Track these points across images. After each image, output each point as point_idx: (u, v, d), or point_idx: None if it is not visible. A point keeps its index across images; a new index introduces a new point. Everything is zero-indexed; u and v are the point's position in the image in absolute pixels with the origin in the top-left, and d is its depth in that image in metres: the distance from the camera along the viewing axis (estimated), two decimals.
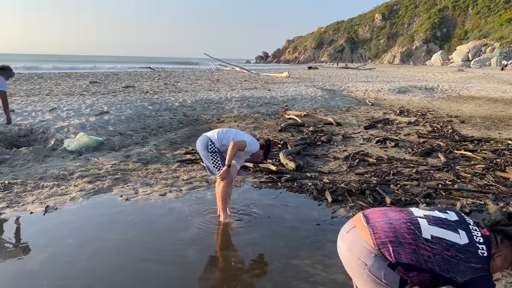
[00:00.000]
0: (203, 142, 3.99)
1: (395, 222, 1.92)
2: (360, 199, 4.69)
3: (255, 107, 11.90)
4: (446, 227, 1.88)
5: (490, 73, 37.38)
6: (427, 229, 1.87)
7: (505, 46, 77.31)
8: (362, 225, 2.00)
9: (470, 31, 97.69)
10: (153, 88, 15.39)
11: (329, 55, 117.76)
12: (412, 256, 1.82)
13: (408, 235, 1.86)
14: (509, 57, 69.83)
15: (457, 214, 1.99)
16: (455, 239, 1.84)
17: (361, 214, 2.07)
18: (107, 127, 7.95)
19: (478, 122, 10.27)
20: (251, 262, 3.31)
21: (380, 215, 2.00)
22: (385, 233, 1.89)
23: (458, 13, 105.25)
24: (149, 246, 3.58)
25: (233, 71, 35.60)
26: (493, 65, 65.95)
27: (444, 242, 1.83)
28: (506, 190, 4.98)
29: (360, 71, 42.79)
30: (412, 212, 2.00)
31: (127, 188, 5.03)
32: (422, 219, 1.93)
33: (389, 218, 1.96)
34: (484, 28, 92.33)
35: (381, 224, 1.94)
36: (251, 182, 5.35)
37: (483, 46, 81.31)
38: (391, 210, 2.05)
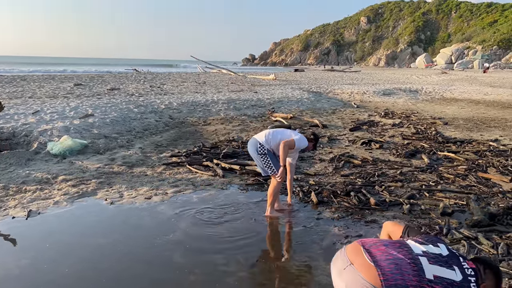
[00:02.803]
0: (253, 145, 4.25)
1: (400, 263, 1.91)
2: (345, 201, 4.72)
3: (242, 109, 11.90)
4: (444, 264, 1.92)
5: (473, 76, 38.09)
6: (429, 269, 1.89)
7: (487, 49, 78.91)
8: (365, 262, 1.95)
9: (453, 34, 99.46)
10: (139, 91, 15.28)
11: (315, 58, 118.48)
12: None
13: (413, 277, 1.86)
14: (491, 60, 71.27)
15: (447, 247, 2.03)
16: (453, 277, 1.87)
17: (362, 247, 2.01)
18: (91, 130, 7.86)
19: (461, 124, 10.46)
20: (237, 264, 3.31)
21: (383, 252, 1.97)
22: (392, 275, 1.87)
23: (441, 16, 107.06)
24: (134, 250, 3.55)
25: (219, 73, 35.55)
26: (475, 67, 67.19)
27: (445, 281, 1.85)
28: (488, 190, 5.08)
29: (346, 73, 43.15)
30: (411, 249, 1.99)
31: (112, 191, 4.98)
32: (423, 258, 1.93)
33: (393, 257, 1.94)
34: (467, 31, 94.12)
35: (387, 264, 1.91)
36: (238, 185, 5.35)
37: (466, 49, 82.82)
38: (392, 247, 2.01)
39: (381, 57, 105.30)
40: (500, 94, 18.44)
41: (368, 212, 4.44)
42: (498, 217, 4.08)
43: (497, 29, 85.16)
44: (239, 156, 6.64)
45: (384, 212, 4.42)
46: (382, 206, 4.56)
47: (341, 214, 4.37)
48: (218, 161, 6.16)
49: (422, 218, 4.25)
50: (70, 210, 4.42)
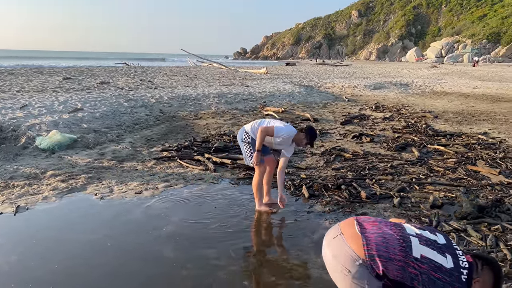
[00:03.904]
0: (240, 133, 4.26)
1: (389, 237, 1.93)
2: (336, 194, 4.74)
3: (233, 103, 11.86)
4: (436, 249, 1.92)
5: (463, 69, 38.39)
6: (418, 248, 1.90)
7: (476, 43, 79.51)
8: (354, 233, 1.99)
9: (443, 28, 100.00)
10: (129, 85, 15.14)
11: (307, 52, 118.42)
12: (399, 273, 1.84)
13: (399, 252, 1.88)
14: (480, 53, 71.85)
15: (445, 237, 2.03)
16: (443, 262, 1.87)
17: (355, 220, 2.06)
18: (81, 124, 7.77)
19: (451, 117, 10.54)
20: (228, 258, 3.30)
21: (374, 227, 2.00)
22: (377, 246, 1.90)
23: (431, 10, 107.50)
24: (124, 245, 3.53)
25: (211, 67, 35.38)
26: (465, 61, 67.68)
27: (433, 263, 1.86)
28: (477, 183, 5.13)
29: (337, 67, 43.21)
30: (405, 229, 2.01)
31: (101, 186, 4.94)
32: (414, 238, 1.95)
33: (383, 231, 1.97)
34: (457, 25, 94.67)
35: (374, 236, 1.94)
36: (229, 179, 5.34)
37: (456, 43, 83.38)
38: (385, 224, 2.05)
39: (372, 51, 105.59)
40: (489, 88, 18.61)
41: (359, 205, 4.46)
42: (487, 209, 4.12)
43: (487, 23, 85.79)
44: (231, 150, 6.63)
45: (375, 205, 4.44)
46: (372, 199, 4.58)
47: (332, 208, 4.38)
48: (209, 155, 6.14)
49: (412, 210, 4.28)
50: (59, 205, 4.37)
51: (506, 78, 25.48)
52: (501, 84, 20.47)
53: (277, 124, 4.09)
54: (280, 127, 4.04)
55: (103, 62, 47.26)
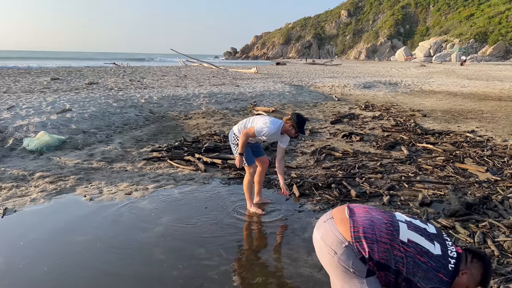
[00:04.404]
0: (230, 135, 4.31)
1: (376, 221, 1.96)
2: (326, 193, 4.76)
3: (224, 103, 11.84)
4: (424, 236, 1.94)
5: (451, 68, 38.82)
6: (405, 233, 1.92)
7: (464, 42, 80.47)
8: (343, 216, 2.02)
9: (431, 28, 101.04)
10: (118, 85, 15.02)
11: (297, 51, 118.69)
12: (384, 254, 1.86)
13: (386, 235, 1.90)
14: (468, 53, 72.73)
15: (437, 229, 2.05)
16: (430, 248, 1.89)
17: (346, 206, 2.11)
18: (69, 125, 7.69)
19: (439, 116, 10.65)
20: (219, 258, 3.30)
21: (363, 211, 2.04)
22: (363, 229, 1.92)
23: (420, 10, 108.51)
24: (114, 246, 3.50)
25: (201, 67, 35.27)
26: (453, 60, 68.46)
27: (419, 248, 1.87)
28: (465, 180, 5.19)
29: (327, 67, 43.39)
30: (394, 215, 2.04)
31: (91, 187, 4.90)
32: (403, 224, 1.97)
33: (371, 216, 2.00)
34: (445, 24, 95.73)
35: (362, 220, 1.97)
36: (220, 179, 5.33)
37: (444, 42, 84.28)
38: (375, 210, 2.08)
39: (361, 51, 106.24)
40: (477, 87, 18.85)
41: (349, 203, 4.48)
42: (475, 206, 4.17)
43: (474, 23, 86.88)
44: (221, 150, 6.62)
45: (365, 204, 4.47)
46: (362, 198, 4.61)
47: (322, 206, 4.40)
48: (199, 155, 6.12)
49: (401, 208, 4.32)
50: (47, 207, 4.33)
51: (493, 77, 25.82)
52: (488, 83, 20.74)
53: (258, 123, 4.01)
54: (260, 126, 3.95)
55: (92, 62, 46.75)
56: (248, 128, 4.03)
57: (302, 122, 3.94)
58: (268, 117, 4.17)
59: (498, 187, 4.88)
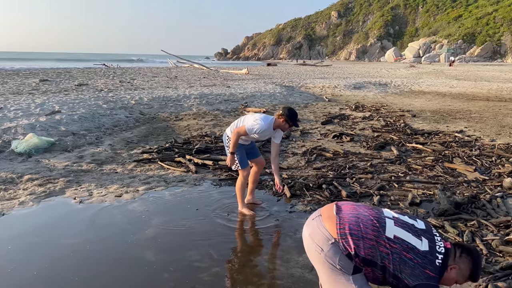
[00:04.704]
0: (224, 138, 4.28)
1: (363, 218, 1.98)
2: (317, 193, 4.78)
3: (214, 104, 11.82)
4: (411, 232, 1.94)
5: (439, 69, 39.24)
6: (391, 229, 1.93)
7: (452, 43, 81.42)
8: (331, 214, 2.05)
9: (420, 29, 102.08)
10: (108, 86, 14.92)
11: (287, 52, 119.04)
12: (370, 251, 1.88)
13: (371, 231, 1.92)
14: (456, 53, 73.61)
15: (426, 224, 2.05)
16: (416, 244, 1.89)
17: (335, 203, 2.13)
18: (58, 127, 7.61)
19: (428, 116, 10.75)
20: (210, 260, 3.29)
21: (351, 209, 2.06)
22: (349, 225, 1.95)
23: (409, 11, 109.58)
24: (105, 249, 3.48)
25: (191, 68, 35.18)
26: (442, 61, 69.25)
27: (405, 244, 1.88)
28: (453, 180, 5.25)
29: (318, 67, 43.57)
30: (382, 212, 2.06)
31: (80, 190, 4.86)
32: (390, 220, 1.98)
33: (358, 212, 2.02)
34: (433, 25, 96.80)
35: (348, 216, 1.99)
36: (211, 180, 5.32)
37: (433, 43, 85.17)
38: (363, 207, 2.10)
39: (351, 51, 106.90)
40: (465, 87, 19.08)
41: None
42: (463, 205, 4.22)
43: (462, 24, 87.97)
44: (212, 151, 6.60)
45: None
46: (353, 198, 4.64)
47: (313, 207, 4.42)
48: (190, 156, 6.10)
49: (391, 208, 4.35)
50: (36, 210, 4.28)
51: (480, 77, 26.17)
52: (476, 83, 21.01)
53: (249, 121, 3.99)
54: (251, 123, 3.93)
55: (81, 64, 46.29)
56: (239, 127, 4.01)
57: (294, 115, 3.95)
58: (259, 114, 4.16)
59: (486, 186, 4.94)
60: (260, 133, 3.97)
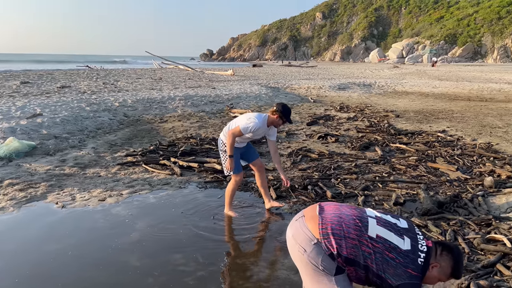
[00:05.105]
0: (218, 143, 4.22)
1: (345, 217, 1.98)
2: (303, 194, 4.80)
3: (200, 105, 11.77)
4: (394, 231, 1.94)
5: (422, 70, 39.84)
6: (374, 229, 1.93)
7: (434, 43, 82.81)
8: (313, 214, 2.05)
9: (403, 30, 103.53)
10: (91, 88, 14.72)
11: (273, 53, 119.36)
12: (352, 250, 1.89)
13: (354, 231, 1.92)
14: (438, 54, 74.84)
15: (408, 223, 2.06)
16: (399, 243, 1.90)
17: (318, 204, 2.13)
18: (40, 130, 7.48)
19: (412, 116, 10.90)
20: (195, 263, 3.27)
21: (334, 209, 2.06)
22: (332, 225, 1.95)
23: (392, 12, 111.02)
24: (88, 255, 3.42)
25: (176, 69, 34.98)
26: (424, 61, 70.33)
27: (388, 243, 1.89)
28: (436, 179, 5.33)
29: (303, 68, 43.78)
30: (365, 211, 2.06)
31: (63, 194, 4.77)
32: (372, 219, 1.98)
33: (340, 212, 2.02)
34: (416, 26, 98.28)
35: (331, 216, 1.99)
36: (196, 183, 5.28)
37: (416, 44, 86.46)
38: (346, 207, 2.10)
39: (336, 52, 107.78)
40: (447, 87, 19.41)
41: None
42: (446, 204, 4.28)
43: (444, 25, 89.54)
44: (198, 153, 6.57)
45: None
46: (338, 199, 4.66)
47: (299, 208, 4.42)
48: (175, 159, 6.05)
49: (376, 209, 4.39)
50: (17, 215, 4.19)
51: (462, 78, 26.66)
52: (457, 84, 21.39)
53: (242, 121, 3.97)
54: (244, 123, 3.92)
55: (64, 65, 45.53)
56: (233, 128, 3.97)
57: (288, 111, 3.96)
58: (252, 113, 4.15)
59: (467, 185, 5.02)
60: (255, 131, 3.94)
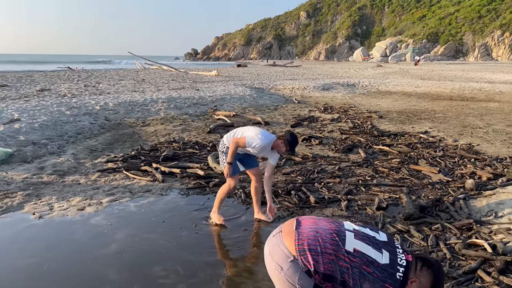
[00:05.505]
0: (220, 143, 4.18)
1: (322, 232, 1.94)
2: (286, 200, 4.76)
3: (183, 108, 11.65)
4: (372, 244, 1.91)
5: (405, 69, 40.31)
6: (351, 243, 1.90)
7: (417, 42, 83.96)
8: (290, 229, 2.01)
9: (387, 28, 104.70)
10: (72, 91, 14.44)
11: (258, 52, 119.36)
12: (329, 266, 1.85)
13: (330, 246, 1.89)
14: (421, 52, 75.91)
15: (388, 236, 2.02)
16: (377, 257, 1.86)
17: (296, 218, 2.10)
18: (17, 136, 7.28)
19: (394, 117, 10.98)
20: (175, 276, 3.20)
21: (311, 223, 2.02)
22: (308, 241, 1.92)
23: (375, 11, 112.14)
24: (65, 268, 3.32)
25: (160, 70, 34.65)
26: (408, 60, 71.22)
27: (365, 258, 1.85)
28: (418, 182, 5.35)
29: (288, 68, 43.84)
30: (343, 225, 2.03)
31: (40, 204, 4.64)
32: (350, 233, 1.95)
33: (317, 226, 1.98)
34: (399, 25, 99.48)
35: (307, 231, 1.96)
36: (178, 189, 5.20)
37: (399, 43, 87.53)
38: (324, 220, 2.06)
39: (321, 51, 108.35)
40: (429, 87, 19.65)
41: (308, 210, 4.51)
42: (428, 208, 4.30)
43: (426, 24, 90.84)
44: (180, 158, 6.48)
45: (324, 210, 4.51)
46: (321, 204, 4.64)
47: (282, 214, 4.39)
48: (157, 165, 5.96)
49: (359, 213, 4.38)
50: None
51: (444, 77, 27.05)
52: (439, 83, 21.68)
53: (250, 134, 3.91)
54: (251, 137, 3.86)
55: (44, 67, 44.53)
56: (238, 137, 3.91)
57: (294, 142, 3.86)
58: (260, 129, 4.07)
59: (449, 188, 5.06)
60: (258, 148, 3.87)
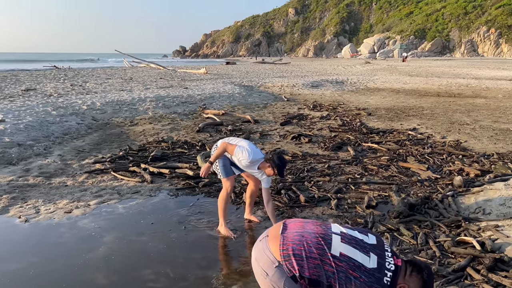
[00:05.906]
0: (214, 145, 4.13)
1: (307, 236, 1.92)
2: (276, 199, 4.74)
3: (172, 107, 11.56)
4: (359, 248, 1.88)
5: (393, 65, 40.58)
6: (338, 246, 1.87)
7: (405, 38, 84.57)
8: (276, 233, 1.99)
9: (374, 25, 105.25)
10: (58, 91, 14.23)
11: (247, 49, 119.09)
12: (314, 270, 1.83)
13: (316, 250, 1.86)
14: (408, 49, 76.52)
15: (378, 239, 1.99)
16: (364, 261, 1.83)
17: (283, 222, 2.07)
18: (2, 138, 7.13)
19: (383, 114, 11.03)
20: (165, 279, 3.16)
21: (297, 226, 1.99)
22: (293, 246, 1.89)
23: (363, 8, 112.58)
24: (52, 272, 3.26)
25: (148, 68, 34.36)
26: (395, 56, 71.76)
27: (352, 262, 1.82)
28: (408, 179, 5.38)
29: (277, 66, 43.79)
30: (330, 228, 1.99)
31: (26, 207, 4.55)
32: (336, 236, 1.92)
33: (303, 230, 1.95)
34: (387, 22, 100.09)
35: (292, 236, 1.93)
36: (167, 190, 5.15)
37: (387, 39, 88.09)
38: (311, 223, 2.03)
39: (309, 48, 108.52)
40: (417, 83, 19.81)
41: (298, 209, 4.50)
42: (417, 206, 4.32)
43: (413, 20, 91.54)
44: (169, 158, 6.42)
45: (314, 209, 4.50)
46: (311, 203, 4.64)
47: None
48: (146, 165, 5.89)
49: (349, 212, 4.39)
50: None
51: (431, 73, 27.29)
52: (427, 79, 21.88)
53: (242, 144, 3.79)
54: (241, 148, 3.72)
55: (29, 65, 43.84)
56: (231, 143, 3.82)
57: (283, 165, 3.64)
58: (254, 145, 3.90)
59: (438, 185, 5.09)
60: (243, 162, 3.74)
